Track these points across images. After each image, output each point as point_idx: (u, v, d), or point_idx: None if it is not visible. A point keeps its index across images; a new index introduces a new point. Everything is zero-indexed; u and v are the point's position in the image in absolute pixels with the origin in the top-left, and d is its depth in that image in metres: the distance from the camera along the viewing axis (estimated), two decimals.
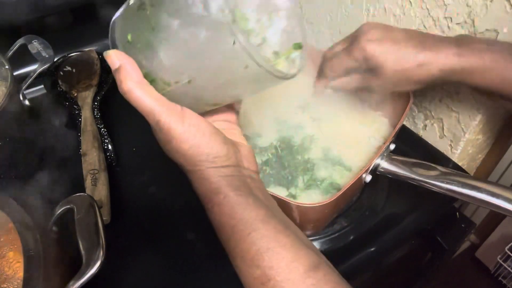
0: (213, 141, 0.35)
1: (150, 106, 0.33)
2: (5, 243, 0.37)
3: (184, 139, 0.33)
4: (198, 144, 0.34)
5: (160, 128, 0.33)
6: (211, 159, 0.34)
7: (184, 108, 0.34)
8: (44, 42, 0.65)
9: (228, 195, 0.34)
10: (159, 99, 0.33)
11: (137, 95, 0.32)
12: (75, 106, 0.70)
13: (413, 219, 0.58)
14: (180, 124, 0.33)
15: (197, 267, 0.53)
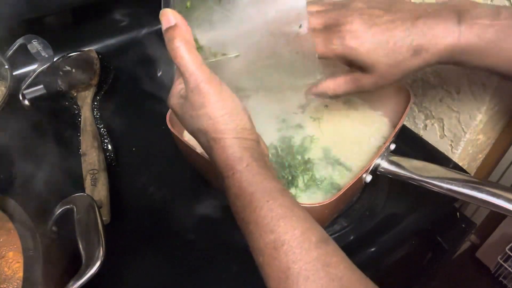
0: (243, 113, 0.36)
1: (194, 67, 0.34)
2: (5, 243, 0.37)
3: (220, 105, 0.35)
4: (231, 112, 0.35)
5: (199, 90, 0.34)
6: (239, 129, 0.36)
7: (221, 80, 0.36)
8: (44, 42, 0.65)
9: (251, 164, 0.35)
10: (203, 65, 0.34)
11: (184, 54, 0.34)
12: (75, 106, 0.70)
13: (413, 219, 0.58)
14: (218, 91, 0.35)
15: (197, 267, 0.53)
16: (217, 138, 0.36)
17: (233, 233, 0.56)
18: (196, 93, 0.35)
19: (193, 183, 0.63)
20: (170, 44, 0.34)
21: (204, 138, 0.37)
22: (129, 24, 0.88)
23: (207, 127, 0.36)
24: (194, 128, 0.37)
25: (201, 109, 0.35)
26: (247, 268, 0.53)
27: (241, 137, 0.36)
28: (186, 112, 0.37)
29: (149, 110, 0.73)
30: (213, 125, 0.35)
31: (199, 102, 0.35)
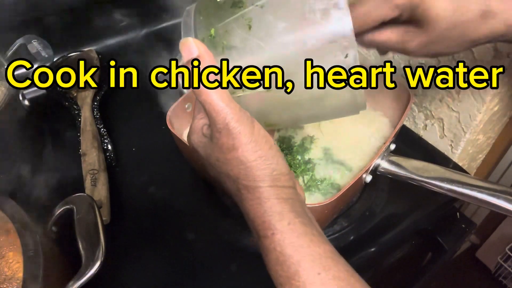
0: (278, 156, 0.31)
1: (222, 105, 0.29)
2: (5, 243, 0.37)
3: (252, 148, 0.30)
4: (266, 156, 0.30)
5: (229, 131, 0.29)
6: (275, 175, 0.31)
7: (252, 117, 0.31)
8: (44, 42, 0.65)
9: (293, 222, 0.29)
10: (232, 101, 0.30)
11: (209, 92, 0.29)
12: (75, 106, 0.70)
13: (413, 219, 0.58)
14: (250, 132, 0.30)
15: (197, 267, 0.53)
16: (251, 187, 0.30)
17: (233, 233, 0.56)
18: (225, 134, 0.29)
19: (193, 183, 0.63)
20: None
21: (233, 185, 0.32)
22: (129, 24, 0.88)
23: (238, 173, 0.31)
24: (221, 173, 0.32)
25: (231, 153, 0.30)
26: (247, 268, 0.53)
27: (278, 185, 0.31)
28: (212, 154, 0.32)
29: (149, 110, 0.74)
30: (245, 171, 0.30)
31: (228, 145, 0.30)
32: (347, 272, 0.29)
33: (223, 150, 0.30)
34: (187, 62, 0.30)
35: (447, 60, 0.59)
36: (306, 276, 0.28)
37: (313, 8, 0.29)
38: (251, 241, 0.54)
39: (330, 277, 0.28)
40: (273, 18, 0.30)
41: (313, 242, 0.29)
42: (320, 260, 0.28)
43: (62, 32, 0.81)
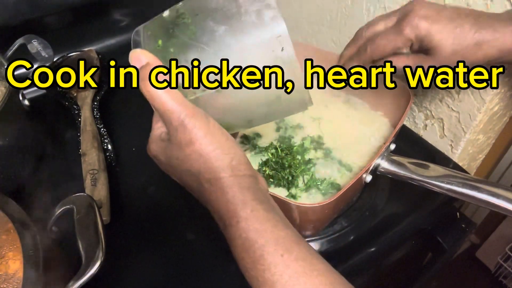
0: (235, 146, 0.32)
1: (175, 105, 0.30)
2: (5, 243, 0.37)
3: (209, 140, 0.31)
4: (223, 147, 0.31)
5: (185, 127, 0.30)
6: (234, 165, 0.32)
7: (207, 114, 0.32)
8: (44, 42, 0.65)
9: (256, 209, 0.30)
10: (184, 101, 0.31)
11: (161, 95, 0.30)
12: (75, 106, 0.70)
13: (413, 219, 0.58)
14: (206, 125, 0.31)
15: (197, 267, 0.53)
16: (213, 179, 0.31)
17: None
18: (181, 131, 0.31)
19: None
20: (143, 85, 0.31)
21: (196, 182, 0.33)
22: (129, 24, 0.88)
23: (199, 167, 0.31)
24: (183, 171, 0.33)
25: (189, 147, 0.31)
26: None
27: (239, 174, 0.32)
28: (171, 155, 0.33)
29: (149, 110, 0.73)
30: (205, 163, 0.31)
31: (185, 140, 0.31)
32: (309, 252, 0.30)
33: (182, 146, 0.31)
34: (139, 69, 0.32)
35: None
36: (270, 259, 0.29)
37: (248, 10, 0.31)
38: None
39: (293, 258, 0.29)
40: (213, 23, 0.32)
41: (276, 227, 0.30)
42: (283, 243, 0.30)
43: (62, 32, 0.81)
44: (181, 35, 0.33)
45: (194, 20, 0.33)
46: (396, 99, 0.58)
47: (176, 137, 0.31)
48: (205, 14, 0.33)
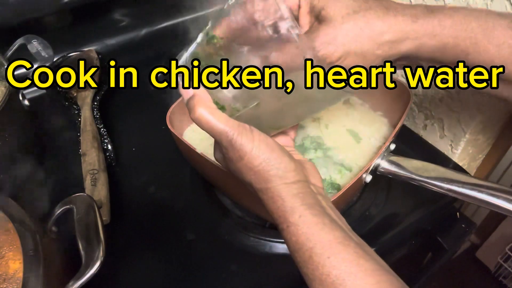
0: (281, 156, 0.35)
1: (222, 127, 0.33)
2: (5, 243, 0.37)
3: (255, 155, 0.34)
4: (268, 158, 0.34)
5: (233, 146, 0.34)
6: (281, 173, 0.34)
7: (252, 127, 0.35)
8: (44, 42, 0.65)
9: (303, 214, 0.33)
10: (228, 120, 0.34)
11: (208, 119, 0.33)
12: (75, 106, 0.70)
13: (413, 219, 0.58)
14: (251, 141, 0.34)
15: (197, 267, 0.53)
16: (263, 189, 0.35)
17: (233, 233, 0.56)
18: (230, 149, 0.34)
19: (193, 183, 0.63)
20: (193, 113, 0.34)
21: (251, 189, 0.36)
22: (129, 24, 0.88)
23: (250, 179, 0.35)
24: (239, 179, 0.37)
25: (239, 162, 0.34)
26: (247, 268, 0.53)
27: (287, 182, 0.34)
28: (228, 167, 0.37)
29: (149, 110, 0.74)
30: (254, 175, 0.34)
31: (235, 157, 0.34)
32: (356, 253, 0.32)
33: (233, 162, 0.35)
34: (187, 102, 0.35)
35: None
36: (318, 259, 0.32)
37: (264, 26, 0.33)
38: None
39: (339, 259, 0.31)
40: (236, 44, 0.34)
41: (323, 230, 0.33)
42: (330, 246, 0.32)
43: (62, 32, 0.81)
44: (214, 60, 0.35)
45: (222, 43, 0.35)
46: (396, 99, 0.58)
47: (228, 154, 0.35)
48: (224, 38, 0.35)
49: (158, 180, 0.63)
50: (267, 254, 0.54)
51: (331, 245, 0.32)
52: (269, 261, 0.53)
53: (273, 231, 0.55)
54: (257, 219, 0.57)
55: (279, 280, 0.52)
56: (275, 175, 0.34)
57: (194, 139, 0.58)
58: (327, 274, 0.31)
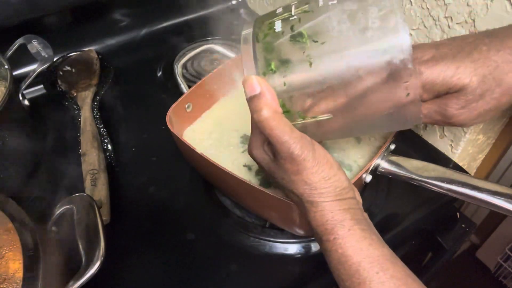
0: (339, 173, 0.35)
1: (286, 137, 0.32)
2: (5, 243, 0.37)
3: (315, 170, 0.33)
4: (328, 176, 0.34)
5: (293, 159, 0.33)
6: (338, 191, 0.34)
7: (312, 140, 0.34)
8: (44, 42, 0.65)
9: (353, 228, 0.33)
10: (293, 130, 0.33)
11: (273, 125, 0.32)
12: (75, 106, 0.70)
13: (413, 219, 0.58)
14: (312, 157, 0.33)
15: (197, 267, 0.53)
16: (315, 202, 0.34)
17: (233, 233, 0.56)
18: (289, 162, 0.33)
19: (193, 183, 0.63)
20: (257, 115, 0.32)
21: (297, 198, 0.36)
22: (129, 24, 0.88)
23: (303, 192, 0.34)
24: (284, 187, 0.36)
25: (296, 176, 0.34)
26: (247, 268, 0.53)
27: (340, 198, 0.34)
28: (276, 172, 0.35)
29: (149, 110, 0.74)
30: (309, 190, 0.34)
31: (293, 170, 0.33)
32: (404, 272, 0.32)
33: (288, 174, 0.34)
34: (250, 99, 0.32)
35: None
36: (366, 274, 0.31)
37: (368, 27, 0.29)
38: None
39: (388, 276, 0.31)
40: (338, 55, 0.30)
41: (372, 246, 0.33)
42: (378, 261, 0.32)
43: (62, 32, 0.81)
44: (299, 63, 0.31)
45: (313, 47, 0.31)
46: None
47: (284, 164, 0.34)
48: (326, 42, 0.31)
49: (158, 180, 0.63)
50: (267, 254, 0.54)
51: (380, 261, 0.32)
52: (269, 261, 0.53)
53: (273, 231, 0.55)
54: (257, 219, 0.57)
55: (279, 280, 0.52)
56: (331, 191, 0.34)
57: (194, 139, 0.58)
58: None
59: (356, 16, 0.30)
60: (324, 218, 0.34)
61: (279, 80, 0.32)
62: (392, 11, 0.29)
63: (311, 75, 0.31)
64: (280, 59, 0.32)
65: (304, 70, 0.31)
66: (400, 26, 0.29)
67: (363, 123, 0.34)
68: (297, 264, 0.53)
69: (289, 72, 0.32)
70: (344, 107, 0.33)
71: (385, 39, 0.29)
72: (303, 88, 0.32)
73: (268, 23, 0.33)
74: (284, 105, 0.33)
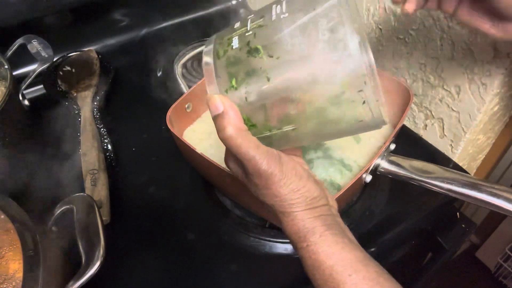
0: (309, 184, 0.35)
1: (251, 154, 0.32)
2: (5, 243, 0.37)
3: (283, 183, 0.34)
4: (296, 188, 0.34)
5: (261, 175, 0.33)
6: (308, 201, 0.35)
7: (279, 152, 0.35)
8: (44, 42, 0.65)
9: (324, 234, 0.33)
10: (259, 146, 0.33)
11: (238, 143, 0.32)
12: (75, 106, 0.70)
13: (413, 219, 0.58)
14: (279, 170, 0.33)
15: (197, 267, 0.53)
16: (286, 212, 0.35)
17: (233, 233, 0.56)
18: (257, 177, 0.34)
19: (193, 183, 0.63)
20: (222, 134, 0.33)
21: (271, 209, 0.36)
22: (129, 24, 0.88)
23: (274, 202, 0.35)
24: (258, 199, 0.36)
25: (266, 190, 0.34)
26: (247, 268, 0.53)
27: (311, 207, 0.35)
28: (249, 186, 0.36)
29: (149, 110, 0.74)
30: (280, 202, 0.34)
31: (262, 184, 0.34)
32: (376, 273, 0.32)
33: (259, 188, 0.34)
34: (215, 117, 0.33)
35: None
36: (339, 277, 0.32)
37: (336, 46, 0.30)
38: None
39: (360, 277, 0.32)
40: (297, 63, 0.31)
41: (344, 249, 0.33)
42: (350, 264, 0.32)
43: (62, 32, 0.81)
44: (258, 78, 0.32)
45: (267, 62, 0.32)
46: (396, 99, 0.57)
47: (253, 179, 0.34)
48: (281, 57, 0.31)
49: (158, 180, 0.63)
50: (267, 254, 0.54)
51: (352, 264, 0.32)
52: (269, 261, 0.53)
53: (273, 231, 0.55)
54: (257, 219, 0.57)
55: (279, 280, 0.52)
56: (302, 202, 0.34)
57: (194, 139, 0.58)
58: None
59: (307, 28, 0.31)
60: (296, 227, 0.34)
61: (241, 95, 0.33)
62: (340, 22, 0.30)
63: (271, 88, 0.32)
64: (240, 75, 0.33)
65: (263, 84, 0.32)
66: (348, 37, 0.29)
67: (328, 130, 0.35)
68: (297, 264, 0.53)
69: (249, 87, 0.33)
70: (306, 117, 0.33)
71: (335, 51, 0.30)
72: (264, 101, 0.33)
73: (227, 39, 0.34)
74: (249, 119, 0.34)
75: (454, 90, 0.61)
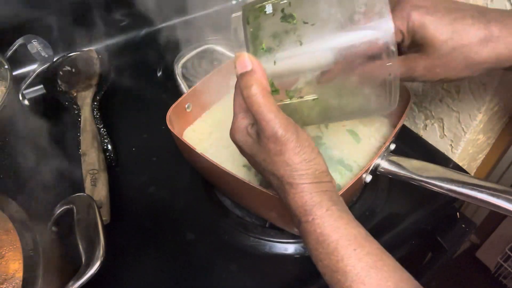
0: (319, 157, 0.35)
1: (272, 116, 0.33)
2: (5, 243, 0.37)
3: (297, 152, 0.34)
4: (309, 158, 0.34)
5: (277, 139, 0.33)
6: (317, 174, 0.35)
7: (296, 124, 0.35)
8: (44, 42, 0.65)
9: (330, 209, 0.34)
10: (280, 111, 0.33)
11: (262, 102, 0.32)
12: (75, 106, 0.70)
13: (413, 219, 0.58)
14: (296, 138, 0.34)
15: (197, 267, 0.53)
16: (295, 183, 0.35)
17: (233, 233, 0.56)
18: (273, 141, 0.33)
19: (193, 183, 0.63)
20: (247, 91, 0.33)
21: (277, 181, 0.36)
22: (129, 24, 0.88)
23: (284, 173, 0.35)
24: (266, 170, 0.36)
25: (278, 156, 0.34)
26: (247, 268, 0.53)
27: (318, 181, 0.35)
28: (258, 154, 0.36)
29: (149, 110, 0.74)
30: (290, 172, 0.34)
31: (276, 150, 0.34)
32: (379, 249, 0.33)
33: (271, 154, 0.34)
34: (241, 75, 0.33)
35: None
36: (344, 251, 0.32)
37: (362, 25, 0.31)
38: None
39: (365, 252, 0.32)
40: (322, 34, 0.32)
41: (349, 225, 0.33)
42: (355, 239, 0.33)
43: (62, 32, 0.81)
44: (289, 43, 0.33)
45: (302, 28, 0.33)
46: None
47: (267, 144, 0.34)
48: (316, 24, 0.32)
49: (158, 180, 0.63)
50: (267, 254, 0.54)
51: (357, 239, 0.33)
52: (269, 261, 0.53)
53: (273, 231, 0.55)
54: (257, 219, 0.57)
55: (279, 280, 0.52)
56: (311, 174, 0.34)
57: (194, 139, 0.58)
58: (353, 266, 0.32)
59: (344, 0, 0.32)
60: (303, 200, 0.34)
61: (269, 59, 0.33)
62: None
63: (301, 55, 0.33)
64: (271, 39, 0.33)
65: (295, 50, 0.33)
66: (385, 11, 0.31)
67: (346, 105, 0.36)
68: (297, 264, 0.53)
69: (279, 51, 0.33)
70: (329, 87, 0.34)
71: (370, 23, 0.31)
72: (292, 68, 0.33)
73: (259, 6, 0.35)
74: (272, 84, 0.34)
75: (454, 90, 0.61)
